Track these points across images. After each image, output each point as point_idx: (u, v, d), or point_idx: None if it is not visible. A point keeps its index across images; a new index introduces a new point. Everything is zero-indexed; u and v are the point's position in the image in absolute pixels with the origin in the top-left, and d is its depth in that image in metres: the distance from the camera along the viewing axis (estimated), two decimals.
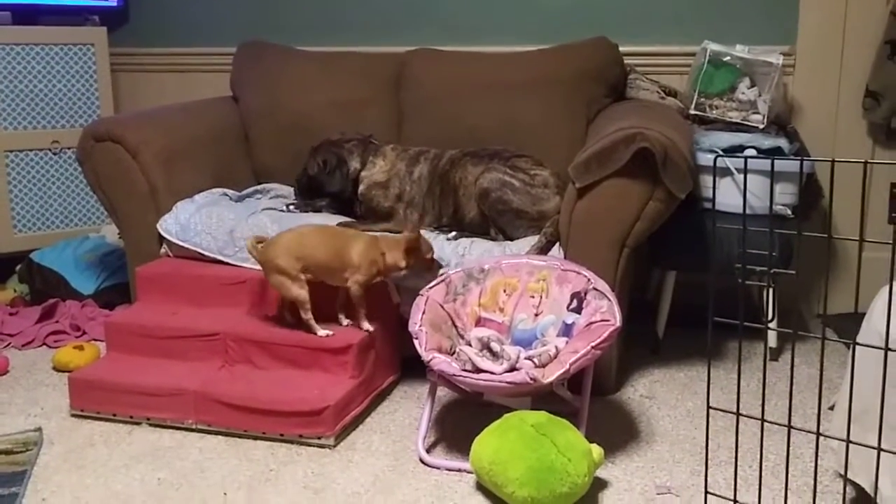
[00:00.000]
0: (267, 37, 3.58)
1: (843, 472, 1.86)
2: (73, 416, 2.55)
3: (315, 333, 2.50)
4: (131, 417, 2.50)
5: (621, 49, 3.12)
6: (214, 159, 3.22)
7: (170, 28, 3.88)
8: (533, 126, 3.07)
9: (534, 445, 2.01)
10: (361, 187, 2.96)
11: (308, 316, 2.50)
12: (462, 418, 2.47)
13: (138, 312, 2.79)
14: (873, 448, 1.48)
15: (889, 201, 1.29)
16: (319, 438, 2.34)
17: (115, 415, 2.51)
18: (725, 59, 3.03)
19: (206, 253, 2.85)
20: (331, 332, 2.51)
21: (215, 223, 2.86)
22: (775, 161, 1.66)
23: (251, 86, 3.45)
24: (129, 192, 2.96)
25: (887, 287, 1.90)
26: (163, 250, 2.95)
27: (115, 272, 3.38)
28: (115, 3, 3.87)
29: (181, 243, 2.89)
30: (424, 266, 2.56)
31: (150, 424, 2.48)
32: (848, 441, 1.52)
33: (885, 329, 1.45)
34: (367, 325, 2.54)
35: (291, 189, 3.20)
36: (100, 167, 2.98)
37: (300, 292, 2.49)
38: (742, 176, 2.70)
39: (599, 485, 2.12)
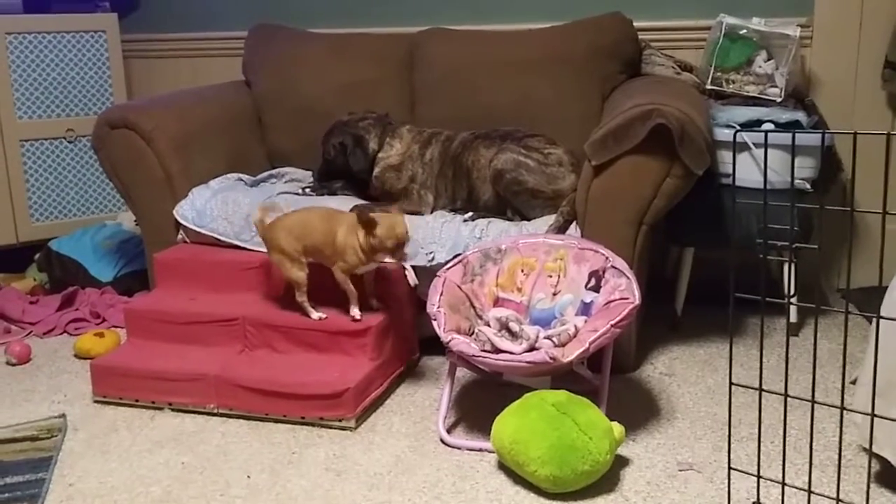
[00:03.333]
0: (278, 20, 3.56)
1: (867, 446, 1.85)
2: (95, 402, 2.57)
3: (309, 316, 2.51)
4: (153, 403, 2.51)
5: (636, 24, 3.08)
6: (229, 144, 3.22)
7: (180, 13, 3.87)
8: (547, 104, 3.04)
9: (555, 424, 2.01)
10: (376, 170, 2.95)
11: (303, 298, 2.51)
12: (481, 398, 2.47)
13: (157, 299, 2.80)
14: None
15: None
16: (340, 421, 2.36)
17: (137, 400, 2.53)
18: (741, 32, 2.99)
19: (223, 238, 2.86)
20: (324, 316, 2.52)
21: (231, 208, 2.86)
22: (796, 135, 1.64)
23: (263, 69, 3.44)
24: (145, 179, 2.97)
25: None
26: (180, 236, 2.96)
27: (132, 259, 3.40)
28: None
29: (198, 229, 2.89)
30: (384, 250, 2.40)
31: (173, 409, 2.50)
32: (872, 415, 1.51)
33: None
34: (355, 312, 2.50)
35: (306, 173, 3.20)
36: (115, 154, 2.99)
37: (298, 274, 2.51)
38: (760, 150, 2.68)
39: (621, 462, 2.12)
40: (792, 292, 2.72)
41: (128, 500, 2.06)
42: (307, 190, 3.03)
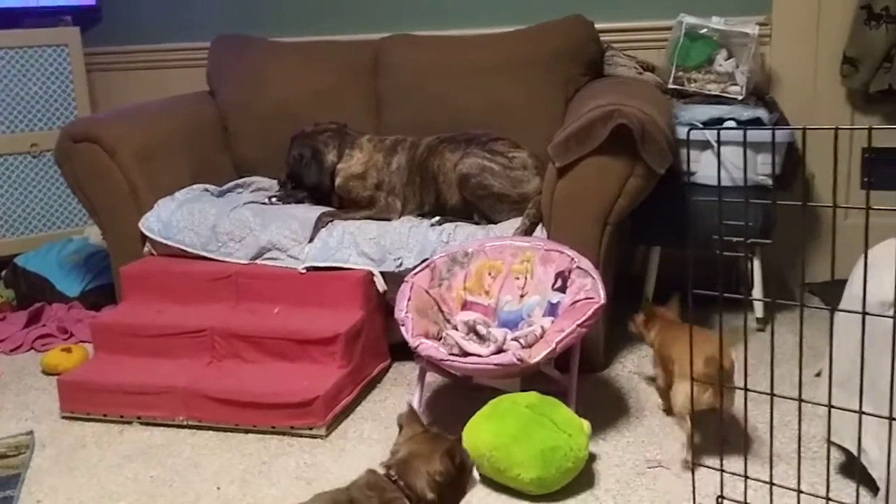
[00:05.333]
0: (240, 29, 3.55)
1: (830, 438, 1.87)
2: (63, 418, 2.55)
3: None
4: (122, 417, 2.49)
5: (597, 26, 3.11)
6: (193, 155, 3.21)
7: (142, 25, 3.85)
8: (512, 107, 3.06)
9: (534, 426, 2.02)
10: (338, 180, 2.94)
11: None
12: (452, 402, 2.47)
13: (124, 312, 2.78)
14: (855, 412, 1.49)
15: (861, 167, 1.29)
16: (311, 429, 2.35)
17: (105, 415, 2.51)
18: (701, 31, 3.02)
19: (190, 249, 2.84)
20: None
21: (197, 219, 2.85)
22: (751, 132, 1.66)
23: (228, 79, 3.43)
24: (110, 192, 2.95)
25: (870, 251, 1.91)
26: (146, 249, 2.94)
27: (99, 273, 3.37)
28: (92, 2, 3.83)
29: (164, 241, 2.87)
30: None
31: (141, 423, 2.48)
32: (830, 406, 1.53)
33: (863, 294, 1.46)
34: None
35: (273, 182, 3.19)
36: (79, 168, 2.97)
37: None
38: (722, 148, 2.71)
39: (591, 460, 2.13)
40: (752, 287, 2.75)
41: None
42: (273, 199, 3.02)
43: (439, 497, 1.52)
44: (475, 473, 1.63)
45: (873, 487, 1.79)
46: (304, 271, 2.66)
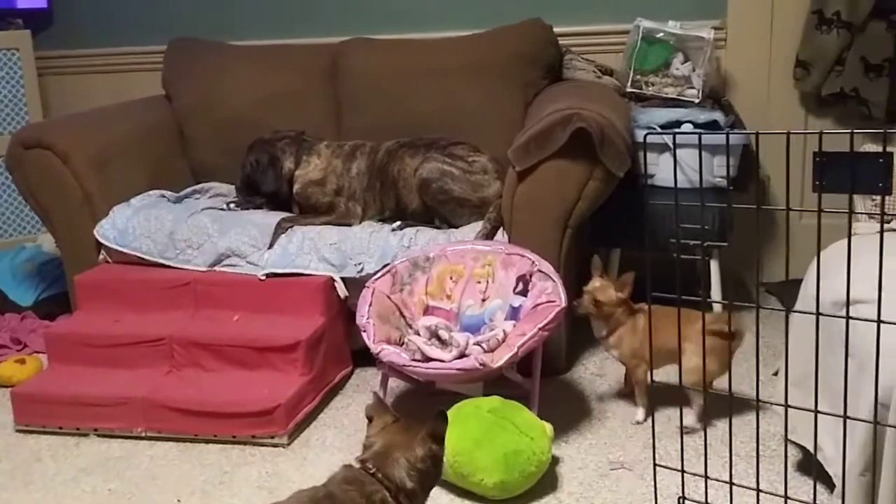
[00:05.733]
0: (196, 33, 3.51)
1: (789, 437, 1.89)
2: (17, 431, 2.49)
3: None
4: (78, 429, 2.44)
5: (556, 30, 3.12)
6: (150, 161, 3.16)
7: (96, 28, 3.78)
8: (472, 111, 3.06)
9: (496, 431, 2.02)
10: (297, 187, 2.92)
11: None
12: (416, 408, 2.47)
13: (80, 322, 2.73)
14: (811, 411, 1.51)
15: (813, 170, 1.32)
16: (272, 438, 2.32)
17: (61, 428, 2.46)
18: (658, 35, 3.06)
19: (147, 257, 2.80)
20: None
21: (154, 226, 2.81)
22: (707, 135, 1.68)
23: (184, 84, 3.38)
24: (63, 199, 2.89)
25: (823, 253, 1.94)
26: (101, 257, 2.89)
27: (53, 282, 3.30)
28: (44, 5, 3.75)
29: (120, 249, 2.82)
30: None
31: (99, 435, 2.43)
32: (786, 406, 1.55)
33: (816, 294, 1.48)
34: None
35: (231, 187, 3.15)
36: (30, 175, 2.90)
37: None
38: (680, 151, 2.73)
39: (554, 463, 2.14)
40: (710, 289, 2.78)
41: None
42: (231, 205, 2.98)
43: (420, 485, 1.51)
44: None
45: (830, 484, 1.82)
46: (263, 278, 2.63)
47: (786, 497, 1.56)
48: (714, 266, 2.89)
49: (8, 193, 3.58)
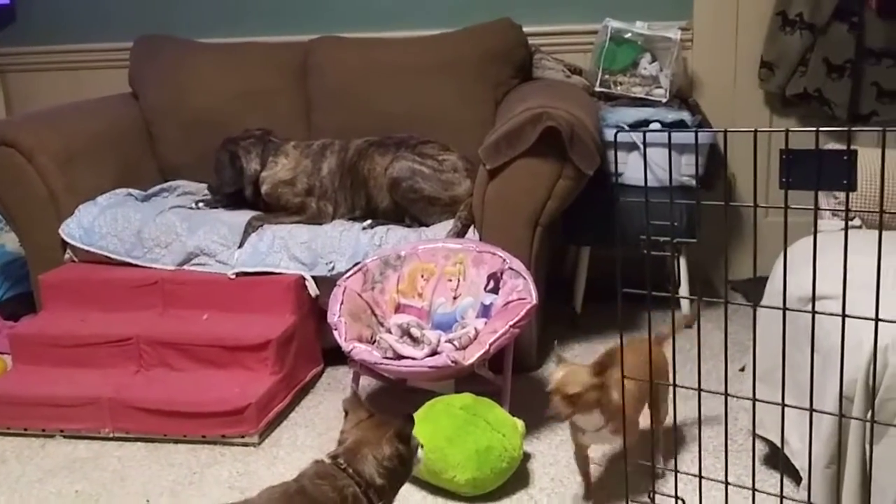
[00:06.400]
0: (163, 30, 3.46)
1: (756, 431, 1.92)
2: None
3: None
4: (44, 431, 2.41)
5: (525, 30, 3.13)
6: (116, 159, 3.12)
7: (60, 25, 3.72)
8: (442, 110, 3.06)
9: (468, 428, 2.03)
10: (265, 187, 2.89)
11: None
12: (387, 406, 2.45)
13: (44, 322, 2.69)
14: (778, 404, 1.54)
15: (780, 167, 1.34)
16: (243, 437, 2.31)
17: (26, 429, 2.42)
18: (626, 35, 3.09)
19: (114, 256, 2.77)
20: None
21: (121, 224, 2.77)
22: (675, 133, 1.71)
23: (151, 81, 3.35)
24: (27, 198, 2.85)
25: (788, 249, 1.98)
26: (67, 256, 2.85)
27: (17, 282, 3.24)
28: (6, 1, 3.69)
29: (86, 248, 2.79)
30: None
31: (65, 436, 2.40)
32: (754, 399, 1.58)
33: (783, 290, 1.51)
34: None
35: (201, 185, 3.13)
36: None
37: None
38: (649, 150, 2.76)
39: (525, 459, 2.15)
40: (679, 286, 2.82)
41: None
42: (200, 204, 2.96)
43: (389, 481, 1.53)
44: (419, 453, 1.64)
45: (797, 477, 1.85)
46: (233, 277, 2.62)
47: (753, 489, 1.59)
48: (682, 263, 2.92)
49: None
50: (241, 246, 2.67)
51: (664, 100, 3.01)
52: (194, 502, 2.05)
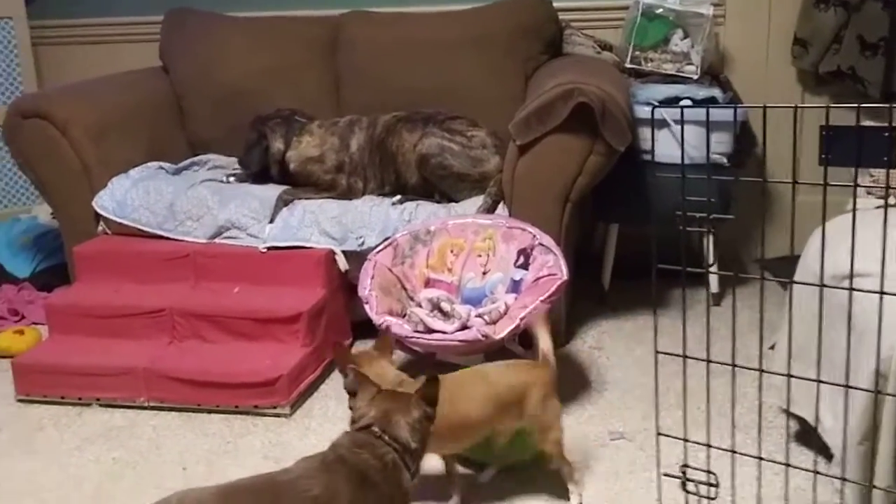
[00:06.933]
0: (193, 3, 3.47)
1: (785, 407, 1.93)
2: (19, 401, 2.50)
3: None
4: (80, 399, 2.45)
5: (556, 5, 3.12)
6: (147, 132, 3.14)
7: None
8: (471, 85, 3.06)
9: None
10: (293, 165, 2.89)
11: None
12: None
13: (79, 293, 2.73)
14: (813, 381, 1.54)
15: (819, 143, 1.33)
16: (275, 408, 2.34)
17: (63, 398, 2.46)
18: (658, 11, 3.06)
19: (146, 228, 2.80)
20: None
21: (153, 198, 2.80)
22: (710, 110, 1.70)
23: (181, 55, 3.36)
24: (61, 170, 2.88)
25: (820, 228, 1.97)
26: (100, 228, 2.88)
27: (51, 253, 3.29)
28: None
29: (119, 220, 2.82)
30: None
31: (101, 405, 2.44)
32: (789, 376, 1.58)
33: (820, 267, 1.50)
34: None
35: (230, 159, 3.15)
36: (28, 146, 2.89)
37: None
38: (679, 127, 2.75)
39: None
40: (711, 262, 2.81)
41: (58, 498, 2.01)
42: (231, 178, 2.98)
43: (420, 444, 1.55)
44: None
45: (828, 455, 1.86)
46: (265, 250, 2.64)
47: (787, 465, 1.60)
48: (710, 241, 2.91)
49: (1, 164, 3.55)
50: (272, 221, 2.69)
51: (695, 76, 2.99)
52: (230, 471, 2.09)
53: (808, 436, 2.01)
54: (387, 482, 1.47)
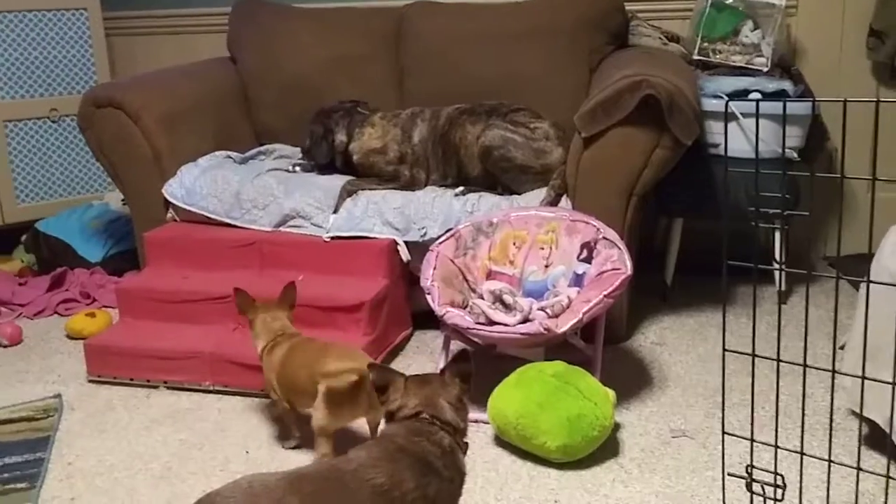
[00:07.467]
0: None
1: (856, 410, 1.88)
2: (90, 381, 2.58)
3: None
4: (148, 381, 2.52)
5: None
6: (216, 121, 3.20)
7: None
8: (535, 77, 3.04)
9: (560, 395, 2.04)
10: (356, 157, 2.92)
11: None
12: (475, 370, 2.49)
13: (149, 278, 2.80)
14: (888, 383, 1.50)
15: None
16: None
17: (132, 379, 2.53)
18: (728, 2, 3.00)
19: (213, 216, 2.85)
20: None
21: (221, 186, 2.86)
22: (777, 104, 1.66)
23: (248, 46, 3.42)
24: (133, 158, 2.95)
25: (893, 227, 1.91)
26: (169, 215, 2.95)
27: (121, 239, 3.38)
28: None
29: (187, 207, 2.88)
30: None
31: (168, 387, 2.50)
32: (863, 378, 1.54)
33: None
34: None
35: (295, 149, 3.19)
36: (102, 134, 2.97)
37: None
38: (747, 120, 2.70)
39: (615, 429, 2.15)
40: (782, 260, 2.75)
41: (128, 477, 2.07)
42: (297, 167, 3.02)
43: (464, 422, 1.56)
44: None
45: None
46: (328, 239, 2.68)
47: (858, 469, 1.56)
48: (777, 237, 2.85)
49: (75, 152, 3.66)
50: (335, 211, 2.72)
51: (765, 69, 2.92)
52: (292, 456, 2.13)
53: (879, 440, 1.95)
54: (447, 467, 1.49)
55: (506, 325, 2.22)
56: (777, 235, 2.79)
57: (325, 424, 1.98)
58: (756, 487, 1.62)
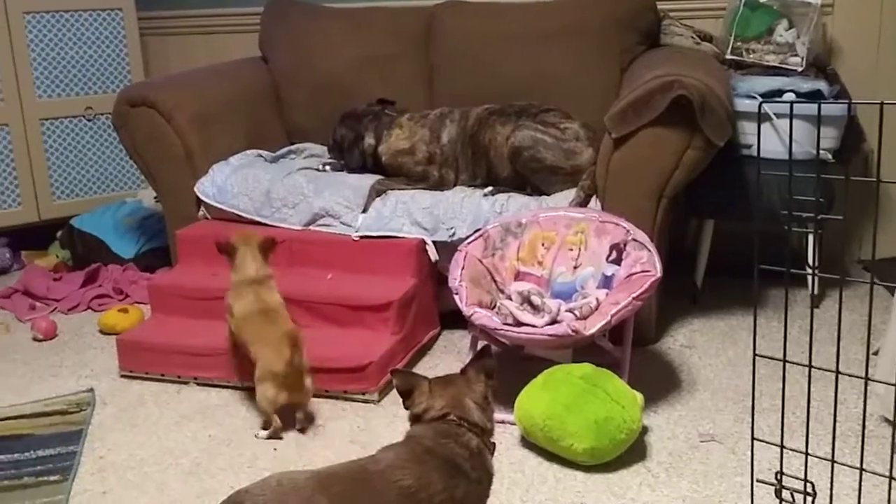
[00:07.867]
0: None
1: (888, 417, 1.86)
2: (122, 376, 2.61)
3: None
4: (179, 377, 2.55)
5: None
6: (247, 121, 3.23)
7: None
8: (565, 76, 3.03)
9: (587, 397, 2.03)
10: (385, 158, 2.93)
11: None
12: (502, 372, 2.44)
13: (181, 275, 2.83)
14: None
15: None
16: (364, 394, 2.38)
17: (163, 375, 2.57)
18: (762, 0, 2.96)
19: (244, 214, 2.88)
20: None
21: (252, 184, 2.88)
22: (814, 106, 1.64)
23: (280, 45, 3.44)
24: (166, 156, 2.99)
25: None
26: (201, 213, 2.98)
27: (154, 236, 3.42)
28: None
29: (219, 205, 2.91)
30: None
31: (198, 384, 2.53)
32: None
33: None
34: None
35: (325, 149, 3.21)
36: (136, 132, 3.01)
37: None
38: (780, 121, 2.66)
39: (643, 432, 2.14)
40: (816, 264, 2.72)
41: (158, 471, 2.10)
42: (327, 167, 3.04)
43: (491, 421, 1.56)
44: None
45: None
46: (357, 239, 2.69)
47: (890, 477, 1.53)
48: (810, 240, 2.81)
49: (110, 150, 3.72)
50: (364, 210, 2.73)
51: (800, 69, 2.88)
52: (319, 454, 2.14)
53: None
54: (475, 468, 1.49)
55: (533, 326, 2.21)
56: (810, 239, 2.76)
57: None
58: (785, 495, 1.60)
